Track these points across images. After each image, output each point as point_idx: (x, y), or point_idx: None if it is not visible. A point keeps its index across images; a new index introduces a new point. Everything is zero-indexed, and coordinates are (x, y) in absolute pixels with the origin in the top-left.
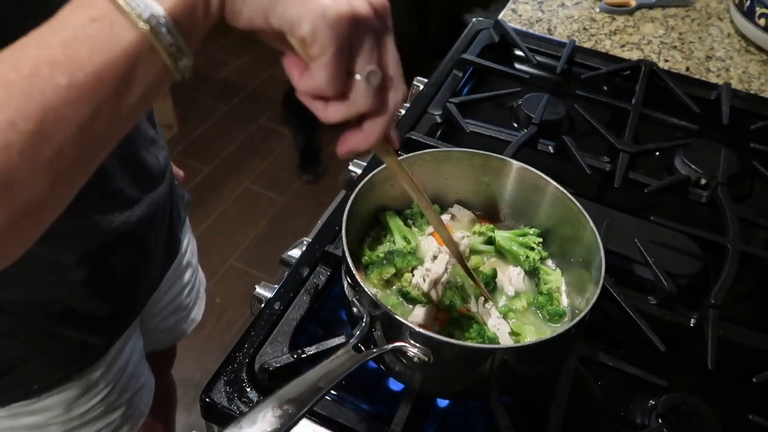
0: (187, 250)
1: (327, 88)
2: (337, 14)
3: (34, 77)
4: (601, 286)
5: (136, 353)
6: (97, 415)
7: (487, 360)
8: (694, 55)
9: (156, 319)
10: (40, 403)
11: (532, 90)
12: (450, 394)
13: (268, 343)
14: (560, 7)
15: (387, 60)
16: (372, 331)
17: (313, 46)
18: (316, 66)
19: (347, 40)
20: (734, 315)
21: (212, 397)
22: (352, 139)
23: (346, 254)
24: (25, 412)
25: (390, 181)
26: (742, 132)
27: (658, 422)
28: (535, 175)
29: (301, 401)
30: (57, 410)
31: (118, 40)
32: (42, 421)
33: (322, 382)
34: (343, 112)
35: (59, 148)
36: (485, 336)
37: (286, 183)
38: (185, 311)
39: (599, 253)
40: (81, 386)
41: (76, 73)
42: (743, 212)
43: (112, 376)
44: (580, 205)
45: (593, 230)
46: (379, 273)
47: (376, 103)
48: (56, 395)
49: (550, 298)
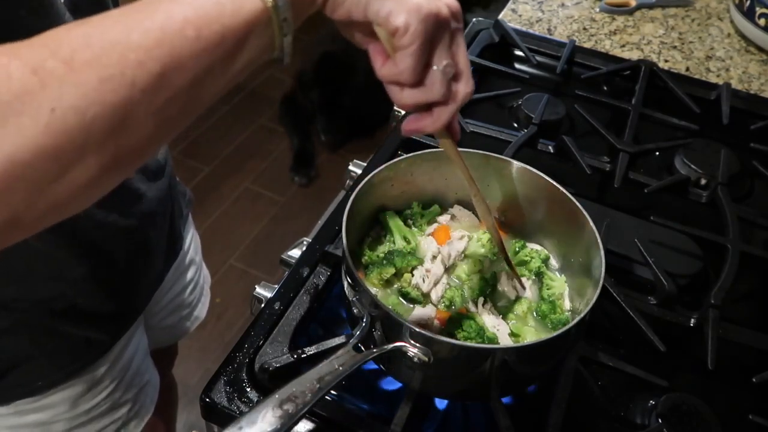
0: (191, 248)
1: (408, 75)
2: (429, 11)
3: (167, 26)
4: (601, 285)
5: (140, 350)
6: (102, 412)
7: (487, 360)
8: (694, 55)
9: (158, 316)
10: (45, 400)
11: (532, 90)
12: (450, 394)
13: (268, 343)
14: (560, 7)
15: (459, 56)
16: (372, 331)
17: (404, 36)
18: (402, 55)
19: (432, 35)
20: (734, 315)
21: (212, 397)
22: (422, 122)
23: (346, 254)
24: (31, 410)
25: (390, 182)
26: (742, 132)
27: (658, 422)
28: (535, 175)
29: (301, 401)
30: (62, 407)
31: (244, 7)
32: (47, 418)
33: (322, 382)
34: (418, 98)
35: (174, 94)
36: (485, 336)
37: (286, 183)
38: (188, 309)
39: (599, 253)
40: (86, 383)
41: (203, 29)
42: (743, 212)
43: (117, 373)
44: (580, 205)
45: (593, 230)
46: (379, 273)
47: (447, 93)
48: (61, 392)
49: (553, 306)
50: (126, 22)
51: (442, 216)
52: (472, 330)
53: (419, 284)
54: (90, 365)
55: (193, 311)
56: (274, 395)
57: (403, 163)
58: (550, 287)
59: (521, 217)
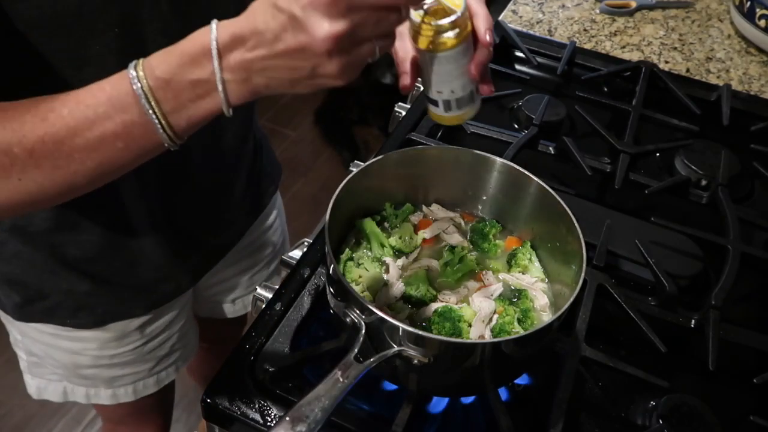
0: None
1: None
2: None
3: (101, 136)
4: (582, 278)
5: (178, 319)
6: (126, 362)
7: (478, 353)
8: (694, 56)
9: (213, 290)
10: (77, 333)
11: (532, 91)
12: (448, 391)
13: (269, 343)
14: (560, 9)
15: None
16: (369, 339)
17: None
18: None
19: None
20: (735, 316)
21: (213, 398)
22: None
23: (338, 272)
24: (65, 336)
25: (364, 185)
26: (742, 133)
27: (659, 423)
28: (518, 172)
29: (312, 420)
30: (91, 344)
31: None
32: (77, 348)
33: (329, 398)
34: None
35: (102, 172)
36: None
37: (286, 183)
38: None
39: (581, 248)
40: (115, 331)
41: (128, 143)
42: (743, 213)
43: (147, 333)
44: (561, 199)
45: (571, 219)
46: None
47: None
48: (91, 332)
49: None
50: (67, 130)
51: (414, 215)
52: (447, 324)
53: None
54: (119, 322)
55: (241, 300)
56: (285, 418)
57: (375, 165)
58: (532, 299)
59: (504, 214)
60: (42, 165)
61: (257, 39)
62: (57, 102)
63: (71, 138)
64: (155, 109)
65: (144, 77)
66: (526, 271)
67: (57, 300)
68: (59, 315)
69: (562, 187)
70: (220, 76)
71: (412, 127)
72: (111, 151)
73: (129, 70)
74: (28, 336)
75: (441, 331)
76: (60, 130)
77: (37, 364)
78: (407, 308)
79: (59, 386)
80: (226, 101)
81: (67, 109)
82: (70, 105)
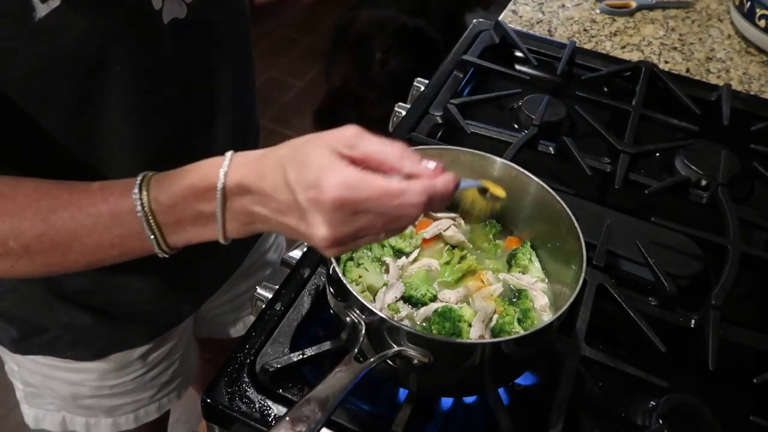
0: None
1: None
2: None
3: (97, 242)
4: (582, 278)
5: (180, 345)
6: (127, 390)
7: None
8: (694, 56)
9: (214, 311)
10: (76, 364)
11: (532, 91)
12: (447, 391)
13: (269, 343)
14: (560, 9)
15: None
16: (369, 339)
17: None
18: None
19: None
20: (735, 316)
21: (213, 398)
22: None
23: (338, 271)
24: (63, 368)
25: None
26: (742, 133)
27: (659, 423)
28: (518, 172)
29: (312, 420)
30: (91, 376)
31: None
32: (76, 380)
33: (330, 398)
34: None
35: (92, 265)
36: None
37: None
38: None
39: (581, 248)
40: (115, 363)
41: (120, 247)
42: (743, 213)
43: (148, 362)
44: (561, 199)
45: (571, 218)
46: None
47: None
48: (91, 363)
49: (526, 315)
50: (66, 234)
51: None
52: (447, 324)
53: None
54: (119, 352)
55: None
56: (285, 418)
57: None
58: (531, 299)
59: (504, 216)
60: (36, 260)
61: (263, 199)
62: (59, 202)
63: (69, 242)
64: (154, 230)
65: (147, 201)
66: (526, 271)
67: (56, 334)
68: (58, 348)
69: (562, 187)
70: (222, 216)
71: (411, 128)
72: (105, 255)
73: (134, 188)
74: (25, 367)
75: (441, 331)
76: (58, 233)
77: (34, 394)
78: (407, 308)
79: (57, 416)
80: (224, 235)
81: (68, 214)
82: (72, 210)
